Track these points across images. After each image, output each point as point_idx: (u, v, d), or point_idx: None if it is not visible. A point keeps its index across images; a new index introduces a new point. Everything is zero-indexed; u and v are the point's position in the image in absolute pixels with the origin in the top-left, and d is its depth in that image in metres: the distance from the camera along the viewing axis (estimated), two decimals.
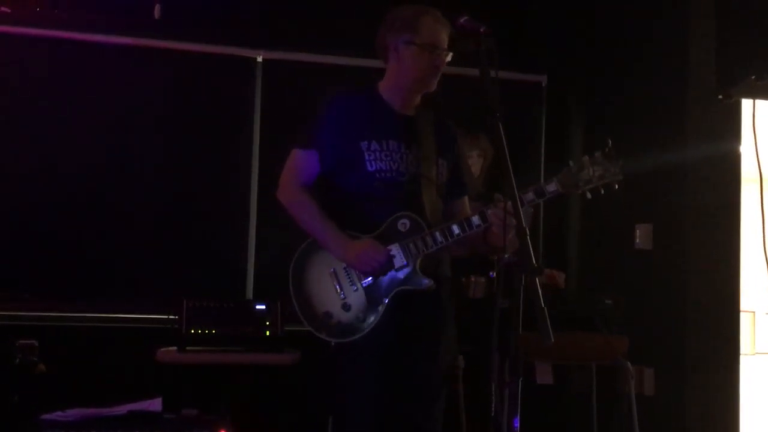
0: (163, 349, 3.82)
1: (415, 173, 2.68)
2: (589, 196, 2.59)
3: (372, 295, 2.61)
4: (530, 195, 2.56)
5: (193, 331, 3.81)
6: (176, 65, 4.49)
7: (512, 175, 2.14)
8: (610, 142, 2.55)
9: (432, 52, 2.67)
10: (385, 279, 2.60)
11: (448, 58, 2.72)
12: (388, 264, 2.60)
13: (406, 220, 2.62)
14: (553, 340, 1.95)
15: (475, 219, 2.60)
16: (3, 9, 4.25)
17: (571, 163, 2.59)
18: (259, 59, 4.57)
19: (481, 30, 2.26)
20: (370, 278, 2.62)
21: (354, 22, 4.54)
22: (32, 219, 4.24)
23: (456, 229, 2.60)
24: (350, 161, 2.67)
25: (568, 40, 4.98)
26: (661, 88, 4.18)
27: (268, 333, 3.90)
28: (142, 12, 4.47)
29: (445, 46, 2.70)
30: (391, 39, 2.71)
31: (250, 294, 4.46)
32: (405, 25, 2.69)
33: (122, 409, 3.41)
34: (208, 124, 4.52)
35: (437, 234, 2.60)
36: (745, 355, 4.19)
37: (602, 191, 2.57)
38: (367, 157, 2.65)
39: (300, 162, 2.73)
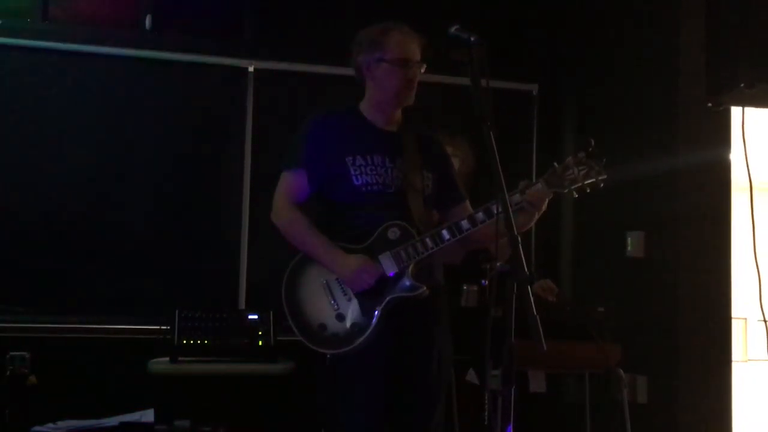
0: (155, 360, 3.80)
1: (401, 185, 2.69)
2: (575, 195, 2.61)
3: (365, 304, 2.61)
4: (516, 197, 2.58)
5: (185, 342, 3.80)
6: (168, 76, 4.49)
7: (504, 185, 2.14)
8: (592, 141, 2.58)
9: (403, 66, 2.69)
10: (377, 288, 2.60)
11: (423, 70, 2.75)
12: (380, 279, 2.60)
13: (395, 229, 2.64)
14: (545, 347, 1.95)
15: (465, 223, 2.61)
16: None
17: (555, 164, 2.61)
18: (251, 69, 4.58)
19: (472, 39, 2.27)
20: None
21: (343, 32, 4.55)
22: (23, 230, 4.22)
23: (446, 234, 2.61)
24: (337, 176, 2.69)
25: (559, 50, 5.00)
26: (651, 97, 4.20)
27: (260, 343, 3.89)
28: (133, 23, 4.47)
29: (417, 59, 2.73)
30: (363, 59, 2.75)
31: (242, 304, 4.45)
32: (373, 43, 2.72)
33: (114, 421, 3.40)
34: (200, 134, 4.52)
35: (428, 240, 2.61)
36: (737, 362, 4.20)
37: (588, 190, 2.60)
38: (353, 172, 2.68)
39: (289, 183, 2.75)
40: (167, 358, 3.79)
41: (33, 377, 3.85)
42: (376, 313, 2.60)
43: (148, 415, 3.53)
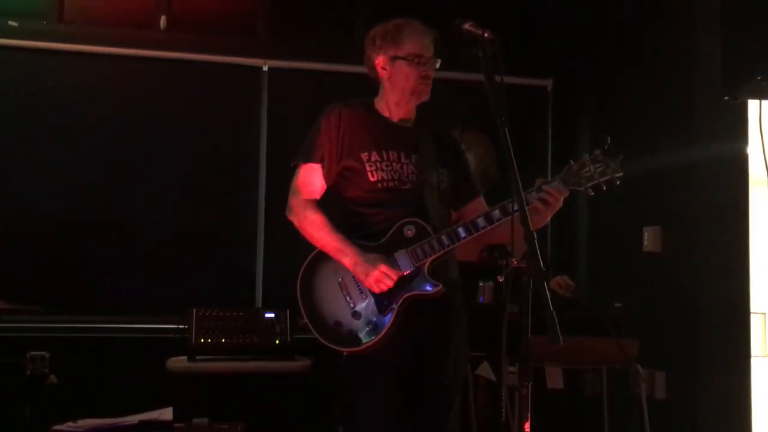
0: (173, 359, 3.82)
1: (417, 181, 2.69)
2: (591, 193, 2.60)
3: (381, 301, 2.61)
4: (533, 194, 2.57)
5: (202, 341, 3.82)
6: (183, 75, 4.52)
7: (519, 180, 2.14)
8: (609, 139, 2.58)
9: (418, 62, 2.69)
10: (394, 285, 2.59)
11: (437, 65, 2.74)
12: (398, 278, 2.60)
13: (411, 226, 2.63)
14: (562, 344, 1.94)
15: (481, 220, 2.60)
16: (11, 23, 4.29)
17: (571, 161, 2.60)
18: (265, 68, 4.60)
19: (485, 35, 2.26)
20: None
21: (356, 30, 4.57)
22: (41, 231, 4.26)
23: (462, 231, 2.61)
24: (353, 172, 2.69)
25: (573, 44, 4.98)
26: (667, 90, 4.17)
27: (277, 341, 3.90)
28: (148, 24, 4.50)
29: (431, 54, 2.72)
30: (377, 57, 2.74)
31: (259, 303, 4.47)
32: (387, 41, 2.71)
33: (133, 419, 3.42)
34: (215, 133, 4.54)
35: (444, 237, 2.61)
36: (757, 357, 4.17)
37: (604, 188, 2.59)
38: (368, 168, 2.67)
39: (304, 178, 2.74)
40: (185, 357, 3.81)
41: (53, 377, 3.88)
42: (392, 310, 2.59)
43: (166, 414, 3.54)
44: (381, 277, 2.55)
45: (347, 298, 2.63)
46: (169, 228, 4.44)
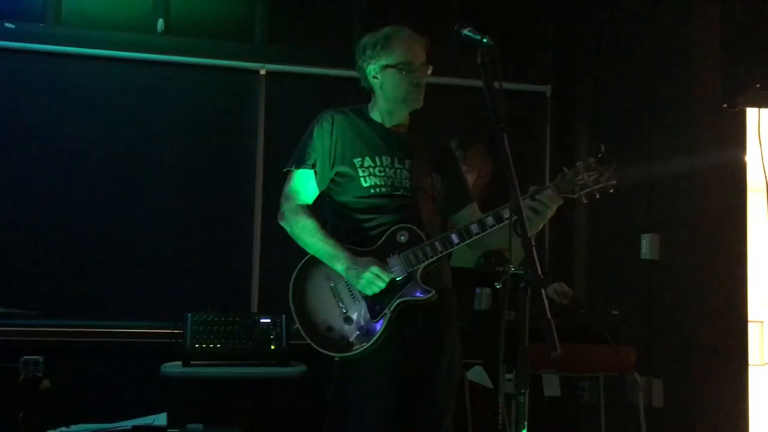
0: (167, 364, 3.80)
1: (410, 187, 2.68)
2: (584, 200, 2.59)
3: (374, 307, 2.60)
4: (526, 201, 2.56)
5: (197, 346, 3.80)
6: (180, 79, 4.51)
7: (517, 187, 2.13)
8: (602, 147, 2.56)
9: (409, 70, 2.68)
10: (386, 291, 2.59)
11: (429, 72, 2.73)
12: (389, 283, 2.58)
13: (404, 232, 2.63)
14: (559, 351, 1.93)
15: (474, 227, 2.60)
16: (8, 25, 4.28)
17: (565, 169, 2.59)
18: (262, 72, 4.59)
19: (484, 41, 2.25)
20: None
21: (353, 34, 4.57)
22: (36, 234, 4.24)
23: (455, 238, 2.60)
24: (345, 178, 2.68)
25: (572, 51, 4.98)
26: (665, 98, 4.17)
27: (273, 347, 3.89)
28: (146, 27, 4.49)
29: (423, 61, 2.71)
30: (367, 66, 2.73)
31: (254, 308, 4.45)
32: (377, 50, 2.71)
33: (127, 425, 3.41)
34: (212, 137, 4.53)
35: (437, 244, 2.60)
36: (754, 365, 4.16)
37: (598, 195, 2.58)
38: (361, 174, 2.67)
39: (297, 183, 2.73)
40: (180, 362, 3.79)
41: (46, 381, 3.86)
42: (385, 316, 2.58)
43: (160, 419, 3.53)
44: (372, 278, 2.55)
45: (339, 303, 2.63)
46: (165, 232, 4.42)
